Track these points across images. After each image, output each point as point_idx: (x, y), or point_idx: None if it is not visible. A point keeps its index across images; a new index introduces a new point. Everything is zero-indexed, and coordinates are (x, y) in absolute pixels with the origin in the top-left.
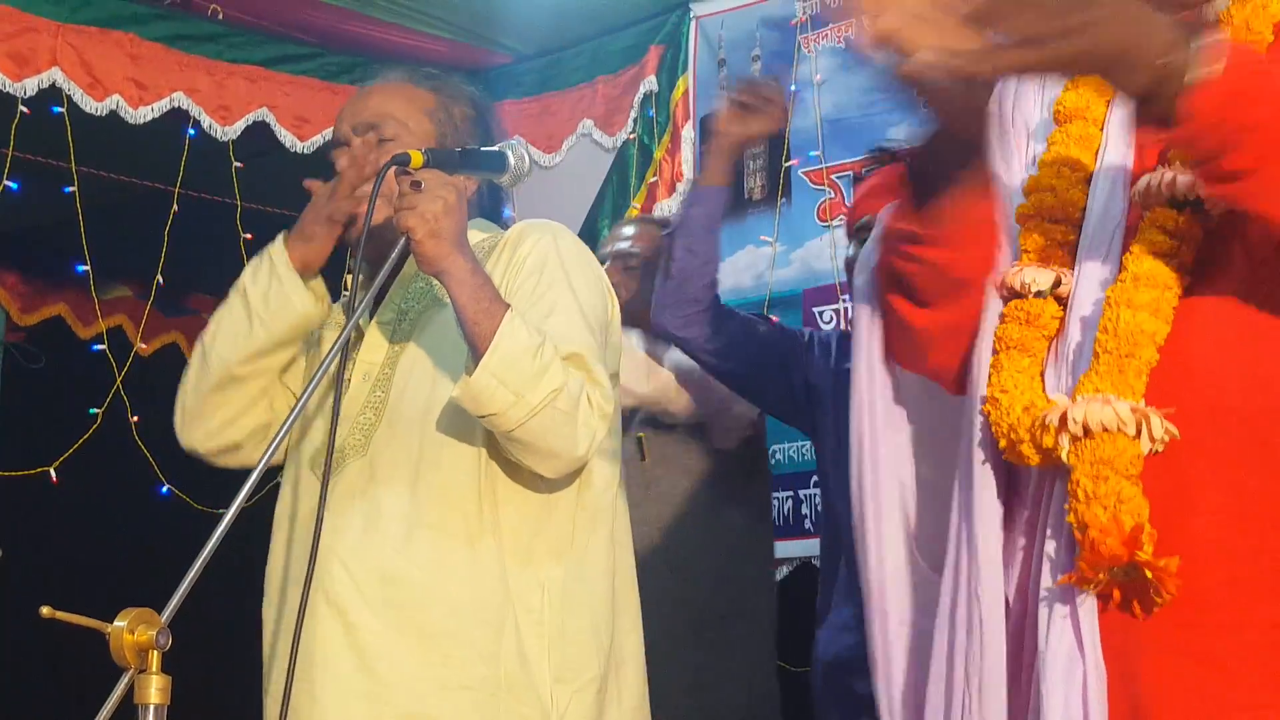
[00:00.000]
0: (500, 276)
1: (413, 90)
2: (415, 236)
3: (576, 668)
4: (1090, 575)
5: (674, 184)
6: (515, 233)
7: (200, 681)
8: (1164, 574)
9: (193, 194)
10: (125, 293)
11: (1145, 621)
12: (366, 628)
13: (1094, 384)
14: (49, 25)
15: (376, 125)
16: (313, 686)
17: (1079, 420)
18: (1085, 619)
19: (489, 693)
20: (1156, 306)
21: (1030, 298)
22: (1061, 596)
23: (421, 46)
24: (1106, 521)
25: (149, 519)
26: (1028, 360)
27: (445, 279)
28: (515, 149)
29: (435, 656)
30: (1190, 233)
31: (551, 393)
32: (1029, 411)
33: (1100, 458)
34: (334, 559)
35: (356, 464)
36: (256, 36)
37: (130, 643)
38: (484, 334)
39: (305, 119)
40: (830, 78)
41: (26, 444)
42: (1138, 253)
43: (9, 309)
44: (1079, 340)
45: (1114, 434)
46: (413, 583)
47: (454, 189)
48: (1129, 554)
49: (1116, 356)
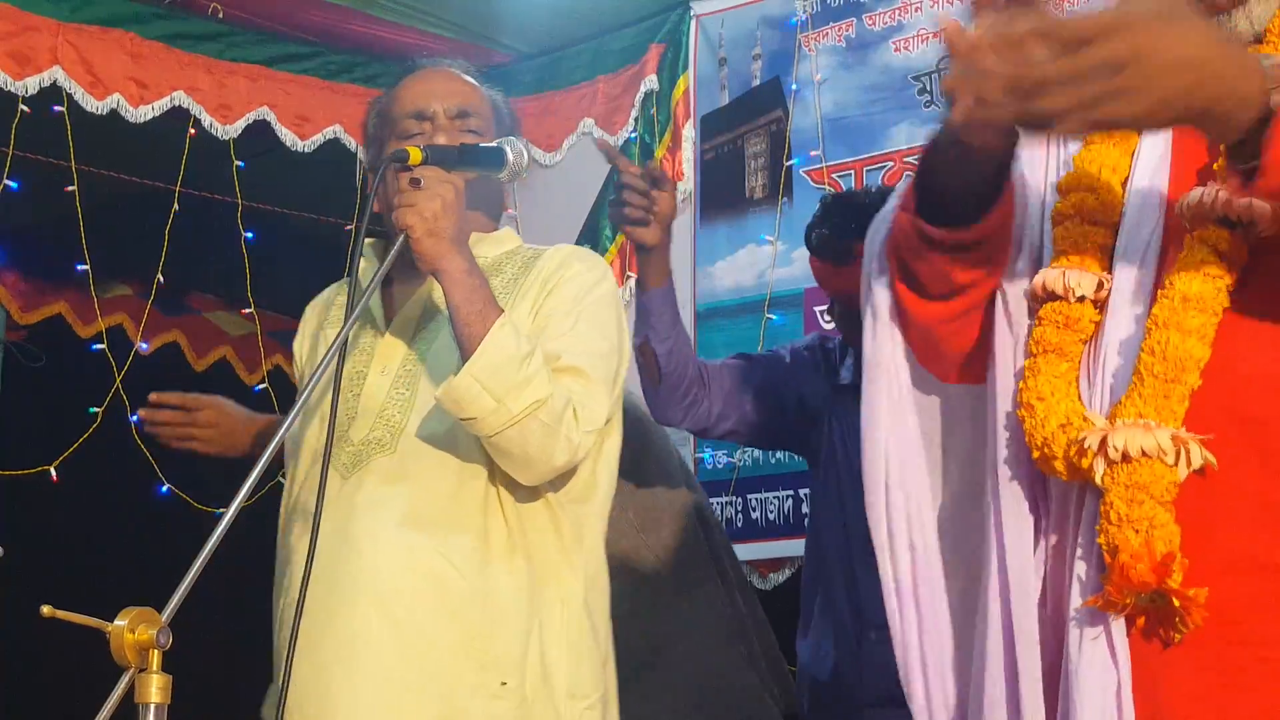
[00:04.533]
0: (539, 288)
1: (481, 88)
2: (414, 234)
3: (587, 685)
4: (1117, 599)
5: (674, 183)
6: (565, 252)
7: (202, 680)
8: (1192, 604)
9: (193, 193)
10: (126, 292)
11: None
12: (405, 623)
13: (1136, 407)
14: (50, 24)
15: (469, 114)
16: (353, 675)
17: (1119, 448)
18: (1117, 634)
19: (516, 703)
20: (1204, 332)
21: (1071, 302)
22: (1092, 615)
23: (422, 45)
24: (1138, 546)
25: (149, 518)
26: (1065, 365)
27: (442, 277)
28: (514, 145)
29: (472, 662)
30: (1238, 254)
31: (534, 403)
32: (1065, 430)
33: (1136, 482)
34: (373, 550)
35: (384, 460)
36: (257, 35)
37: (131, 642)
38: (474, 336)
39: (306, 118)
40: (831, 76)
41: (26, 443)
42: (1187, 272)
43: (9, 308)
44: (1117, 353)
45: (1152, 459)
46: (454, 585)
47: (453, 187)
48: (1158, 581)
49: (1162, 381)
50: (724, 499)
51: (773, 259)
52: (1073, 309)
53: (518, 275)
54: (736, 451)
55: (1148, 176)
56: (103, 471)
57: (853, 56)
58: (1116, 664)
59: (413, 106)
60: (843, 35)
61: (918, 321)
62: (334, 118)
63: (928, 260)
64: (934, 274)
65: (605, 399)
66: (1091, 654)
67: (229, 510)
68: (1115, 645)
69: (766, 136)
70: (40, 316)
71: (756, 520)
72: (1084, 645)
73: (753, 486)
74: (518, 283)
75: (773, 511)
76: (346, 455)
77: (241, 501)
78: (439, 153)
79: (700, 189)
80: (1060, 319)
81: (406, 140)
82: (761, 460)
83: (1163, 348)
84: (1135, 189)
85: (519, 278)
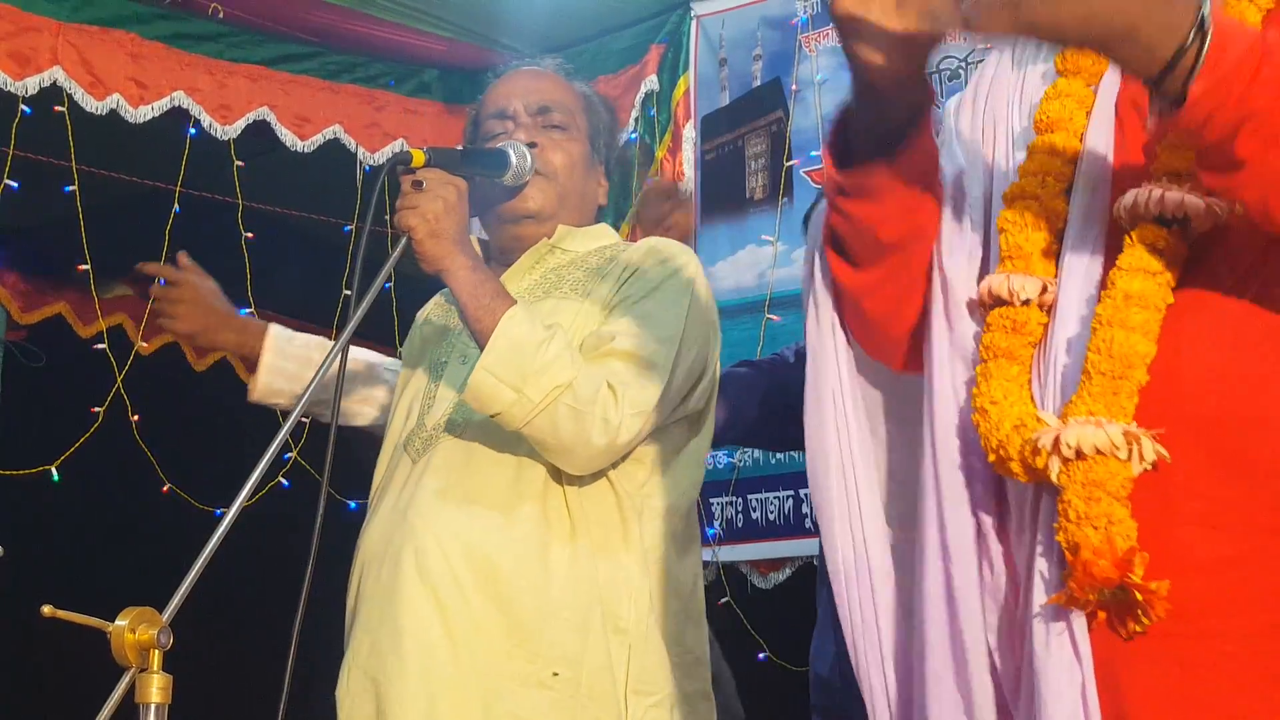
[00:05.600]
0: (616, 277)
1: (571, 85)
2: (416, 236)
3: (654, 681)
4: (1080, 596)
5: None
6: (650, 243)
7: (206, 680)
8: (1154, 597)
9: (194, 193)
10: (126, 292)
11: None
12: (456, 610)
13: (1086, 405)
14: (50, 24)
15: (550, 109)
16: (404, 661)
17: (1072, 445)
18: (1079, 631)
19: (569, 694)
20: (1148, 328)
21: (1017, 305)
22: (1055, 612)
23: (422, 45)
24: (1099, 543)
25: (149, 518)
26: (1016, 368)
27: (446, 278)
28: (516, 148)
29: (522, 651)
30: (1177, 251)
31: (556, 388)
32: (1019, 430)
33: (1092, 479)
34: (429, 536)
35: (452, 446)
36: (257, 36)
37: (131, 641)
38: (484, 331)
39: (306, 118)
40: (831, 77)
41: (27, 443)
42: (1128, 270)
43: (10, 308)
44: (1065, 353)
45: (1106, 456)
46: (506, 572)
47: (455, 188)
48: (1120, 576)
49: (1110, 379)
50: (724, 499)
51: (773, 259)
52: (1019, 313)
53: (600, 268)
54: (737, 452)
55: (1091, 182)
56: (103, 471)
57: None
58: (1080, 661)
59: (494, 107)
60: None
61: (846, 291)
62: (334, 118)
63: (848, 216)
64: (855, 232)
65: (655, 382)
66: (1057, 651)
67: (229, 510)
68: (1078, 642)
69: (767, 137)
70: (40, 316)
71: (756, 520)
72: (1050, 642)
73: (753, 486)
74: (599, 275)
75: (773, 511)
76: (420, 440)
77: (242, 501)
78: (441, 155)
79: (701, 189)
80: (1008, 323)
81: (491, 141)
82: (761, 460)
83: (1108, 345)
84: (1078, 194)
85: (601, 270)
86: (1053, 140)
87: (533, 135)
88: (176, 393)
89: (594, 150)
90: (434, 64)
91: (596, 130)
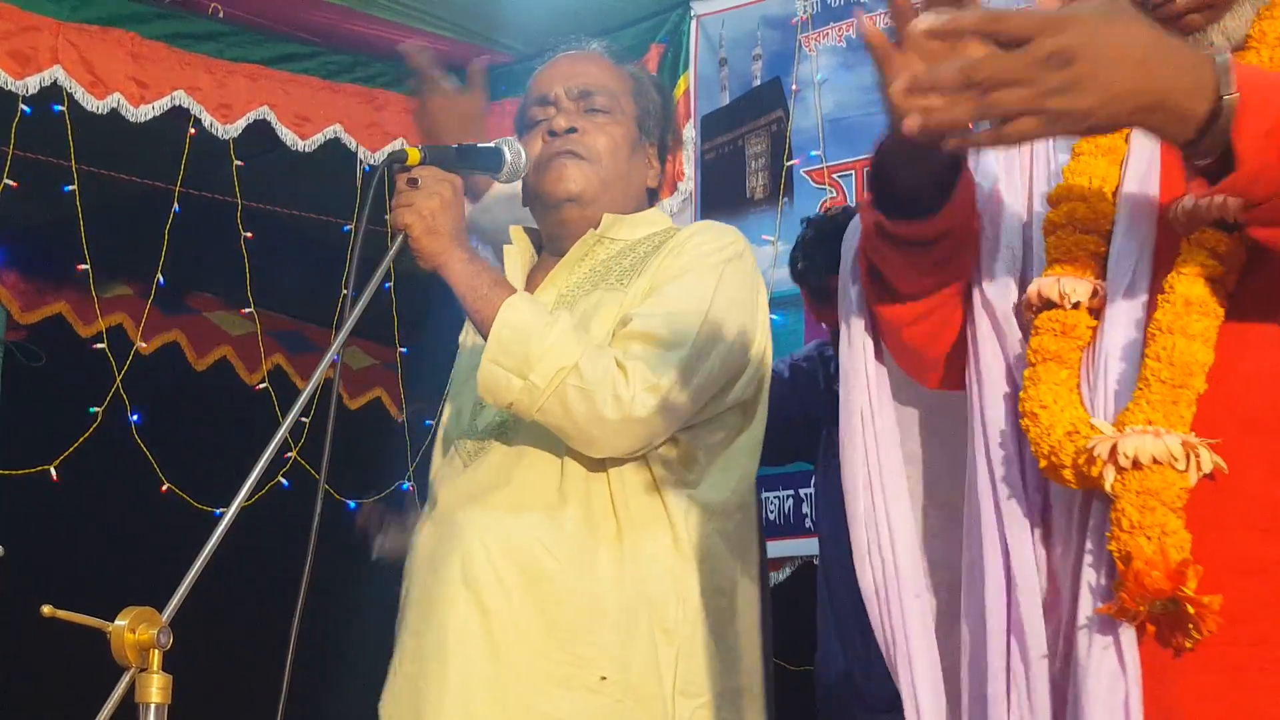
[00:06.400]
0: (659, 261)
1: (616, 67)
2: (412, 233)
3: (701, 683)
4: (1131, 607)
5: (675, 183)
6: (696, 226)
7: (206, 680)
8: (1206, 611)
9: (194, 192)
10: (126, 291)
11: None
12: (499, 614)
13: (1145, 414)
14: (50, 24)
15: (591, 93)
16: (445, 667)
17: (1130, 455)
18: (1126, 642)
19: (615, 698)
20: (1207, 335)
21: (1067, 308)
22: (1102, 623)
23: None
24: (1152, 554)
25: (149, 518)
26: (1065, 372)
27: (443, 272)
28: (512, 145)
29: (566, 655)
30: (1236, 255)
31: (560, 370)
32: (1072, 437)
33: (1147, 489)
34: (474, 539)
35: (501, 449)
36: (257, 35)
37: (131, 641)
38: (485, 322)
39: (306, 117)
40: (831, 77)
41: (27, 443)
42: (1187, 276)
43: (9, 307)
44: (1118, 358)
45: (1162, 466)
46: (552, 575)
47: (450, 185)
48: (1173, 588)
49: (1169, 387)
50: None
51: (773, 259)
52: (1069, 316)
53: (648, 254)
54: None
55: (1137, 184)
56: (103, 471)
57: (853, 57)
58: (1125, 672)
59: (537, 93)
60: (843, 36)
61: (885, 323)
62: (334, 118)
63: (890, 259)
64: (897, 273)
65: (670, 359)
66: (1101, 662)
67: (229, 510)
68: (1125, 653)
69: (767, 137)
70: (40, 316)
71: None
72: (1093, 653)
73: None
74: (646, 260)
75: (773, 511)
76: (471, 443)
77: (241, 501)
78: (437, 153)
79: (701, 189)
80: (1057, 326)
81: (533, 128)
82: None
83: (1169, 353)
84: (1125, 196)
85: (649, 255)
86: (1099, 141)
87: (574, 120)
88: (176, 393)
89: (642, 132)
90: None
91: (645, 112)
